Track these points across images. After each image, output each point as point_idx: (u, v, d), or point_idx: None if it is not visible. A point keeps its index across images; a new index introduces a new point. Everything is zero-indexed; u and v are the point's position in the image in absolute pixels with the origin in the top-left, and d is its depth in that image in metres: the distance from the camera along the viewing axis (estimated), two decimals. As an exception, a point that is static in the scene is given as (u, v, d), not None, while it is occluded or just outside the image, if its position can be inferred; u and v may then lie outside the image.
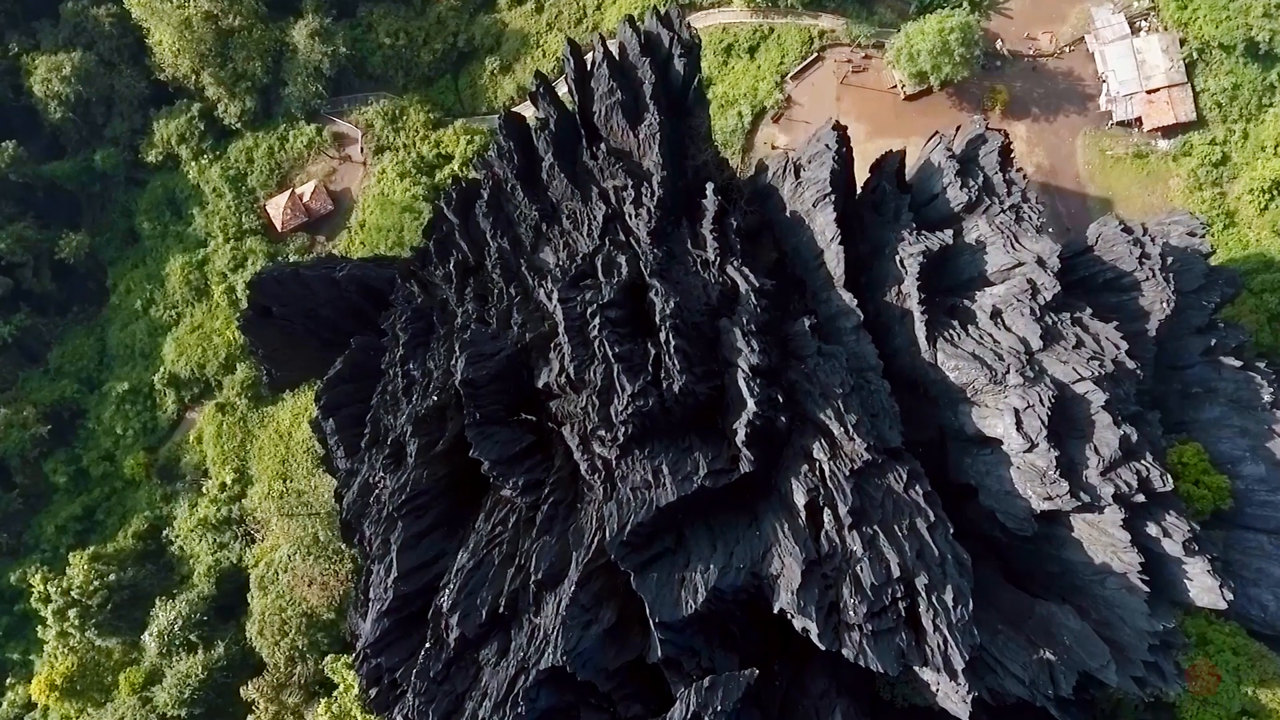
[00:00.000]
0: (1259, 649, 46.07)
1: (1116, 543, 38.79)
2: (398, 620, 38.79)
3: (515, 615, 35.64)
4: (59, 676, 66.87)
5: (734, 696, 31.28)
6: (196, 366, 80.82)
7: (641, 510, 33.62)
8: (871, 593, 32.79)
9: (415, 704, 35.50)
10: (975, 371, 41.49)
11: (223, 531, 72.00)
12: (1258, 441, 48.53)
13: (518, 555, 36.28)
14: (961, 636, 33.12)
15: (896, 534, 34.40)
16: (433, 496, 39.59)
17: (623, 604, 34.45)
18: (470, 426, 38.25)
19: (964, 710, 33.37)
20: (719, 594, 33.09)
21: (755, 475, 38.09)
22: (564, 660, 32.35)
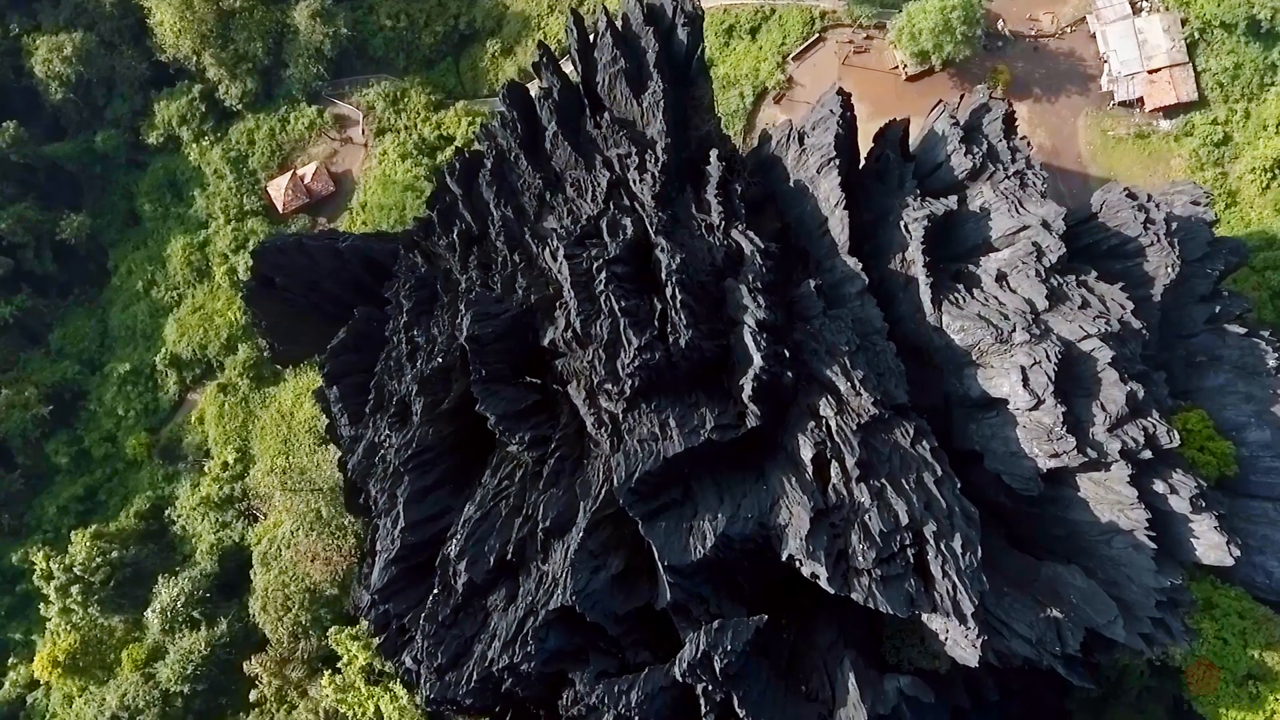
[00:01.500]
0: (1265, 613, 46.02)
1: (1123, 499, 38.77)
2: (405, 569, 38.74)
3: (523, 563, 35.59)
4: (61, 653, 66.72)
5: (743, 638, 31.21)
6: (198, 347, 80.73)
7: (649, 460, 33.57)
8: (880, 539, 32.74)
9: (424, 646, 35.44)
10: (981, 332, 41.47)
11: (225, 510, 71.90)
12: (1263, 407, 48.51)
13: (525, 507, 36.24)
14: (970, 582, 33.10)
15: (904, 487, 34.36)
16: (438, 453, 39.51)
17: (630, 554, 34.41)
18: (476, 383, 38.18)
19: (973, 655, 33.35)
20: (727, 541, 33.02)
21: (762, 434, 38.05)
22: (573, 600, 32.28)
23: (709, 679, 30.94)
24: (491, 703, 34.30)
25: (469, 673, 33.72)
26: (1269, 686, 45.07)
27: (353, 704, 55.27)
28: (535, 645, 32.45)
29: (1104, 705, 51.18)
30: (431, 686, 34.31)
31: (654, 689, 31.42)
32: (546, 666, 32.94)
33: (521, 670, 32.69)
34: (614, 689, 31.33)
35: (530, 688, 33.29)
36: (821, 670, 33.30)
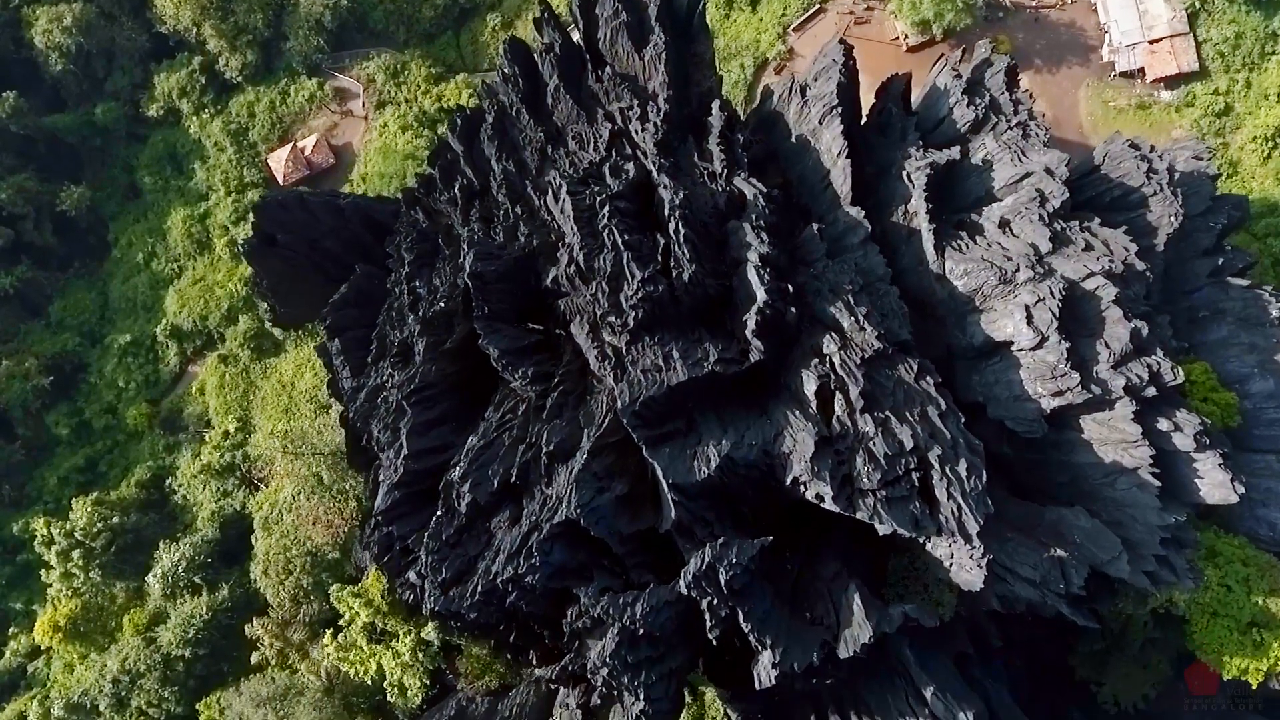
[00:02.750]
0: (1269, 559, 45.94)
1: (1127, 437, 38.71)
2: (408, 494, 38.67)
3: (526, 486, 35.50)
4: (62, 618, 66.59)
5: (748, 554, 31.10)
6: (199, 318, 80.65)
7: (653, 389, 33.49)
8: (885, 462, 32.64)
9: (428, 562, 35.34)
10: (984, 274, 41.42)
11: (225, 478, 71.80)
12: (1266, 356, 48.47)
13: (528, 436, 36.16)
14: (975, 505, 33.04)
15: (908, 418, 34.29)
16: (441, 391, 39.42)
17: (634, 481, 34.31)
18: (479, 319, 38.10)
19: (979, 576, 33.27)
20: (731, 463, 32.92)
21: (765, 374, 37.98)
22: (577, 513, 32.15)
23: (714, 592, 30.83)
24: (496, 619, 34.19)
25: (473, 586, 33.61)
26: (1273, 634, 44.92)
27: (355, 662, 55.17)
28: (540, 558, 32.34)
29: (1107, 658, 51.01)
30: (436, 600, 34.20)
31: (659, 603, 31.31)
32: (551, 581, 32.82)
33: (526, 583, 32.58)
34: (619, 601, 31.23)
35: (534, 603, 33.18)
36: (826, 598, 33.20)
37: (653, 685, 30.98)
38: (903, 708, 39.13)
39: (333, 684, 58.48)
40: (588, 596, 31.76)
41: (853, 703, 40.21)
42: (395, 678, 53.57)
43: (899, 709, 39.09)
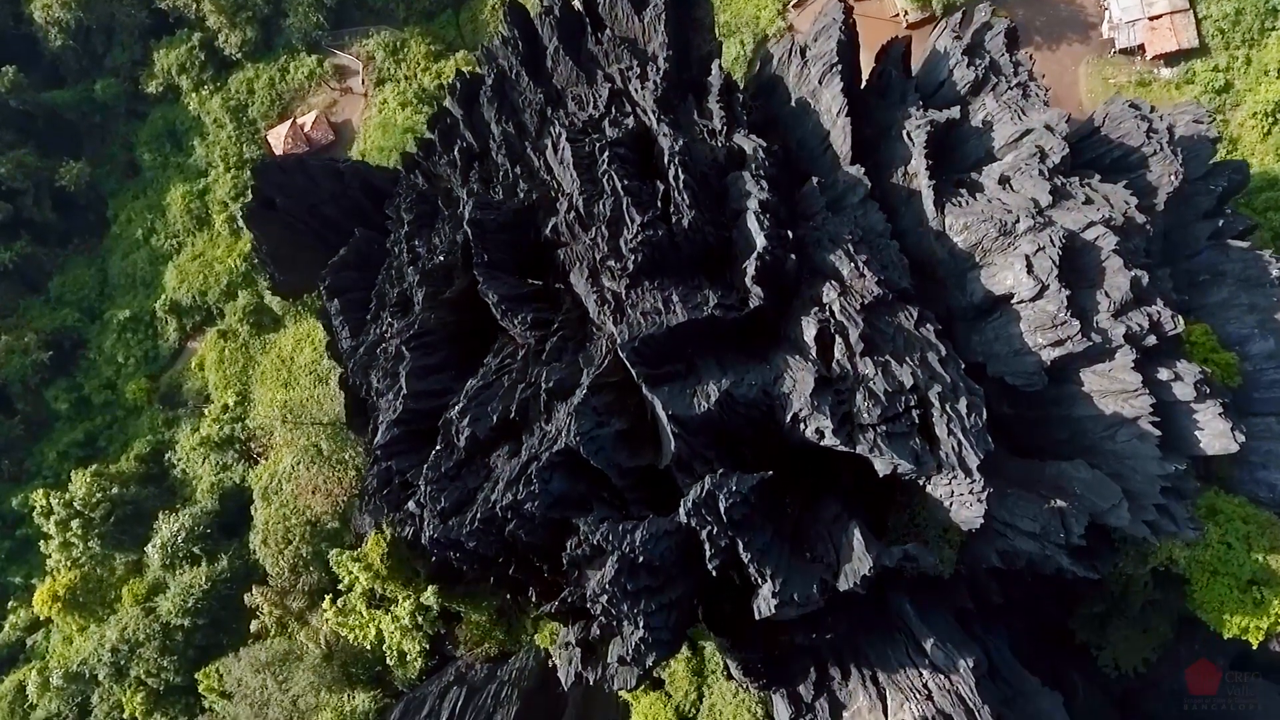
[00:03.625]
0: (1269, 516, 45.89)
1: (1127, 387, 38.67)
2: (407, 431, 38.59)
3: (526, 423, 35.42)
4: (61, 588, 66.50)
5: (747, 484, 31.04)
6: (198, 294, 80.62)
7: (652, 329, 33.43)
8: (885, 399, 32.55)
9: (427, 491, 35.23)
10: (984, 227, 41.38)
11: (225, 451, 71.71)
12: (1266, 315, 48.41)
13: (528, 377, 36.09)
14: (976, 441, 33.00)
15: (908, 362, 34.21)
16: (440, 339, 39.34)
17: (634, 421, 34.23)
18: (478, 267, 38.02)
19: (979, 511, 33.21)
20: (731, 400, 32.82)
21: (765, 324, 37.93)
22: (577, 441, 32.05)
23: (713, 520, 30.74)
24: (494, 550, 34.06)
25: (472, 515, 33.47)
26: (1273, 591, 44.88)
27: (354, 627, 55.18)
28: (539, 485, 32.23)
29: (1107, 620, 50.97)
30: (434, 528, 34.06)
31: (659, 531, 31.19)
32: (550, 511, 32.69)
33: (524, 511, 32.47)
34: (618, 528, 31.12)
35: (533, 533, 33.07)
36: (826, 539, 33.12)
37: (652, 614, 30.92)
38: (902, 659, 39.10)
39: (332, 651, 58.46)
40: (587, 525, 31.66)
41: (853, 656, 40.18)
42: (394, 642, 53.57)
43: (899, 660, 39.06)
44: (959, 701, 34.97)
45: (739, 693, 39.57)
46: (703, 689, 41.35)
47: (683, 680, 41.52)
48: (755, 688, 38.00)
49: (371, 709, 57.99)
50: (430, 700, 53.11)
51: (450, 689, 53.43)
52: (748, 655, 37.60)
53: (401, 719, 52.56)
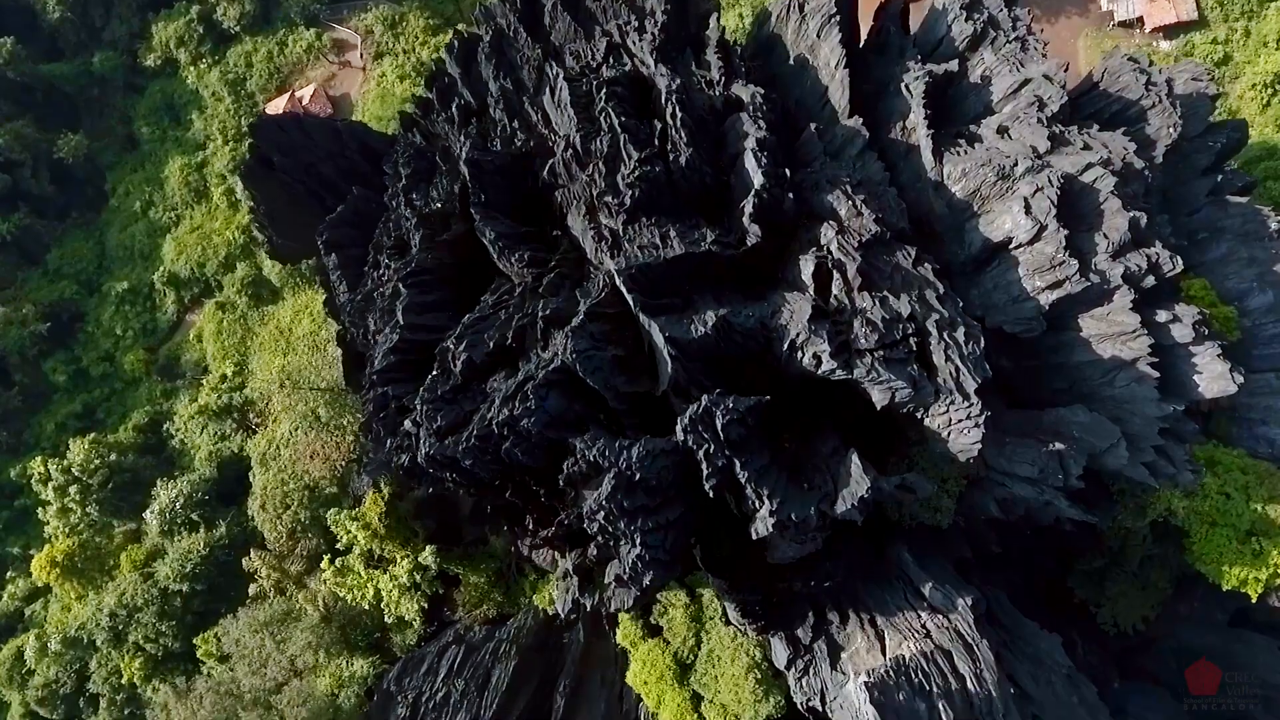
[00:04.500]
0: (1267, 467, 45.75)
1: (1125, 328, 38.60)
2: (404, 360, 38.46)
3: (523, 350, 35.30)
4: (60, 554, 66.40)
5: (745, 404, 30.93)
6: (196, 265, 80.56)
7: (650, 260, 33.34)
8: (883, 326, 32.46)
9: (423, 411, 35.09)
10: (983, 172, 41.29)
11: (223, 420, 71.66)
12: (1265, 268, 48.34)
13: (525, 309, 35.98)
14: (974, 367, 32.92)
15: (906, 296, 34.15)
16: (437, 278, 39.24)
17: (631, 351, 34.09)
18: (475, 206, 37.92)
19: (976, 436, 33.12)
20: (728, 327, 32.70)
21: (762, 267, 37.84)
22: (573, 358, 31.92)
23: (710, 438, 30.61)
24: (491, 472, 33.90)
25: (469, 432, 33.33)
26: (1272, 542, 44.76)
27: (352, 587, 55.06)
28: (535, 401, 32.13)
29: (1105, 576, 50.85)
30: (430, 446, 33.92)
31: (656, 450, 31.11)
32: (546, 430, 32.60)
33: (521, 428, 32.33)
34: (615, 444, 31.02)
35: (529, 453, 32.91)
36: (824, 471, 33.02)
37: (649, 532, 30.81)
38: (900, 603, 39.06)
39: (330, 613, 58.37)
40: (583, 442, 31.56)
41: (851, 601, 40.13)
42: (391, 600, 53.49)
43: (896, 604, 39.03)
44: (957, 637, 34.91)
45: (737, 636, 39.49)
46: (701, 635, 41.27)
47: (680, 626, 41.44)
48: (754, 630, 37.92)
49: (370, 674, 57.90)
50: (429, 659, 53.05)
51: (449, 648, 53.36)
52: (746, 597, 37.53)
53: (400, 677, 52.43)
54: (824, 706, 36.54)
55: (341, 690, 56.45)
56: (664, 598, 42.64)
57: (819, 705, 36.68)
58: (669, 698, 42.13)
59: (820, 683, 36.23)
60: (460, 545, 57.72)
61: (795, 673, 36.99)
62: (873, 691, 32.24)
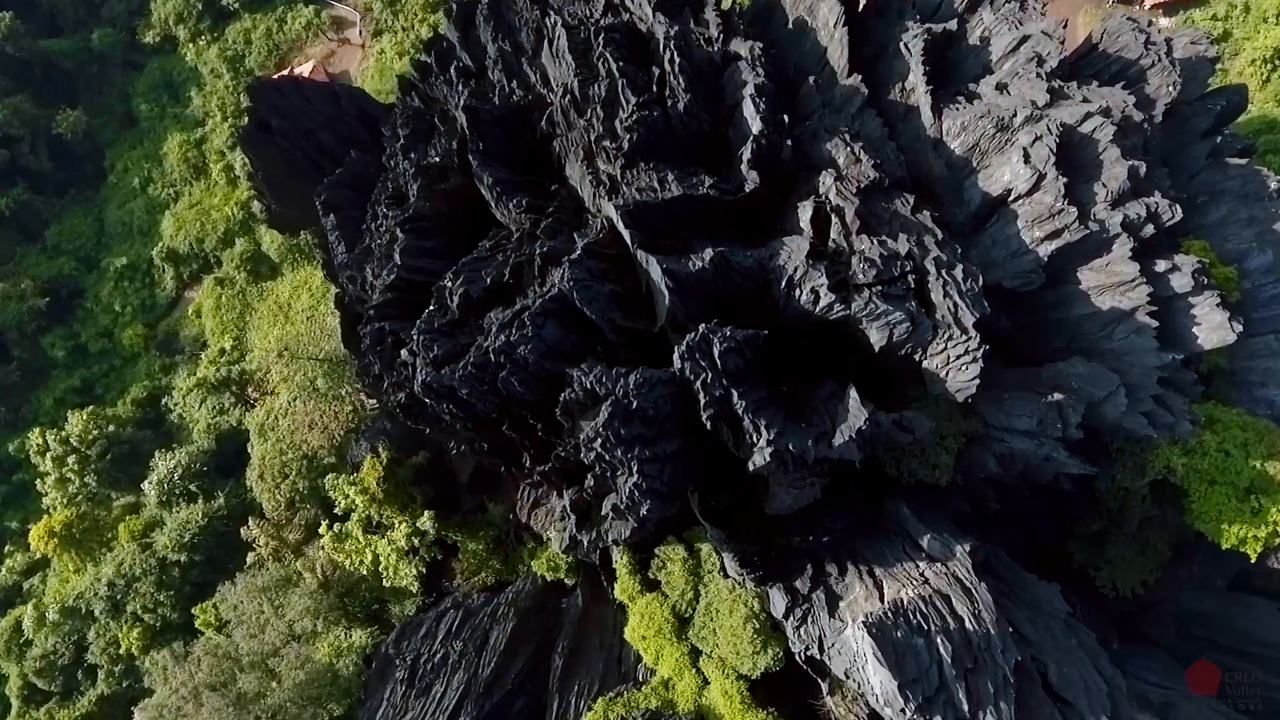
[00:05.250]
0: (1267, 424, 45.63)
1: (1124, 278, 38.55)
2: (402, 297, 38.44)
3: (520, 287, 35.29)
4: (58, 524, 66.30)
5: (743, 335, 30.86)
6: (195, 241, 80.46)
7: (648, 200, 33.30)
8: (881, 262, 32.42)
9: (420, 340, 35.02)
10: (982, 124, 41.21)
11: (221, 393, 71.56)
12: (1265, 227, 48.24)
13: (523, 250, 35.93)
14: (972, 302, 32.88)
15: (905, 238, 34.08)
16: (435, 226, 39.17)
17: (629, 291, 34.04)
18: (474, 154, 37.89)
19: (974, 371, 33.07)
20: (726, 263, 32.62)
21: (760, 218, 37.79)
22: (570, 286, 31.85)
23: (708, 367, 30.52)
24: (488, 403, 33.76)
25: (466, 360, 33.25)
26: (1271, 499, 44.71)
27: (350, 552, 55.02)
28: (532, 329, 32.03)
29: (1104, 538, 50.77)
30: (427, 374, 33.83)
31: (653, 379, 31.04)
32: (543, 360, 32.54)
33: (518, 356, 32.21)
34: (612, 372, 30.90)
35: (527, 384, 32.79)
36: (822, 412, 32.92)
37: (646, 461, 30.72)
38: (899, 555, 39.05)
39: (328, 581, 58.31)
40: (580, 370, 31.48)
41: (849, 555, 40.08)
42: (389, 564, 53.45)
43: (895, 556, 39.01)
44: (955, 581, 34.88)
45: (735, 589, 39.44)
46: (699, 589, 41.22)
47: (679, 580, 41.40)
48: (752, 581, 37.86)
49: (368, 644, 57.85)
50: (427, 623, 53.07)
51: (447, 612, 53.39)
52: (744, 547, 37.48)
53: (398, 640, 52.45)
54: (822, 654, 36.49)
55: (340, 659, 56.42)
56: (662, 552, 42.64)
57: (817, 653, 36.64)
58: (667, 652, 42.10)
59: (818, 630, 36.18)
60: (458, 513, 57.72)
61: (793, 621, 36.93)
62: (871, 630, 32.21)
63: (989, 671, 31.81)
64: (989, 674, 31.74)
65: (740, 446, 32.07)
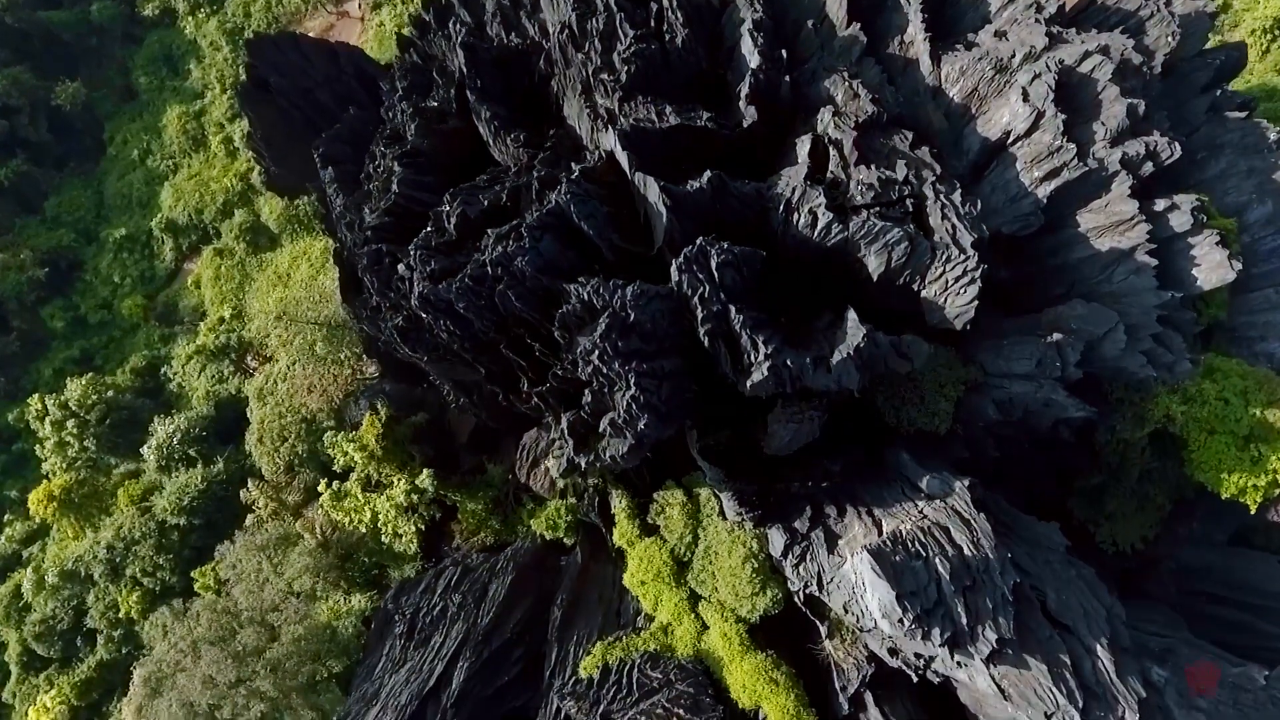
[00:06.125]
0: (1267, 372, 45.56)
1: (1123, 216, 38.52)
2: (399, 221, 38.38)
3: (518, 212, 35.24)
4: (57, 488, 66.31)
5: (740, 249, 30.84)
6: (194, 212, 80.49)
7: (646, 126, 33.28)
8: (879, 185, 32.40)
9: (417, 255, 34.99)
10: (980, 67, 41.15)
11: (220, 360, 71.59)
12: (1264, 177, 48.10)
13: (520, 177, 35.89)
14: (971, 224, 32.82)
15: (902, 164, 34.04)
16: (432, 163, 39.13)
17: (626, 217, 34.00)
18: (472, 90, 37.87)
19: (973, 292, 32.99)
20: (723, 184, 32.59)
21: (759, 155, 37.74)
22: (567, 199, 31.80)
23: (706, 279, 30.44)
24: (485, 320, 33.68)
25: (462, 274, 33.19)
26: (1271, 447, 44.64)
27: (349, 510, 54.97)
28: (529, 241, 32.00)
29: (1104, 492, 50.70)
30: (424, 287, 33.76)
31: (651, 292, 30.96)
32: (541, 274, 32.49)
33: (515, 268, 32.10)
34: (609, 283, 30.85)
35: (524, 299, 32.71)
36: (821, 341, 32.88)
37: (644, 375, 30.63)
38: (898, 497, 38.97)
39: (328, 541, 58.32)
40: (578, 284, 31.43)
41: (849, 499, 40.03)
42: (388, 519, 53.43)
43: (894, 498, 38.93)
44: (954, 514, 34.86)
45: (734, 530, 39.38)
46: (698, 532, 41.17)
47: (677, 524, 41.35)
48: (750, 519, 37.80)
49: (368, 607, 57.90)
50: (426, 579, 53.11)
51: (446, 569, 53.40)
52: (743, 487, 37.44)
53: (397, 596, 52.45)
54: (821, 590, 36.44)
55: (339, 621, 56.50)
56: (660, 497, 42.59)
57: (816, 589, 36.58)
58: (666, 597, 42.05)
59: (817, 566, 36.13)
60: (457, 474, 57.68)
61: (792, 559, 36.88)
62: (869, 553, 32.19)
63: (988, 590, 31.79)
64: (987, 593, 31.72)
65: (737, 368, 32.00)
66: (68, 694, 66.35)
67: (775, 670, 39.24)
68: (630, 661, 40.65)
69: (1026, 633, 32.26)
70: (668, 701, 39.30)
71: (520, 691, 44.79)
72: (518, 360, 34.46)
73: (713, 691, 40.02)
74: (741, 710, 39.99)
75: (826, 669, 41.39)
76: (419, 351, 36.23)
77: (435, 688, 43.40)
